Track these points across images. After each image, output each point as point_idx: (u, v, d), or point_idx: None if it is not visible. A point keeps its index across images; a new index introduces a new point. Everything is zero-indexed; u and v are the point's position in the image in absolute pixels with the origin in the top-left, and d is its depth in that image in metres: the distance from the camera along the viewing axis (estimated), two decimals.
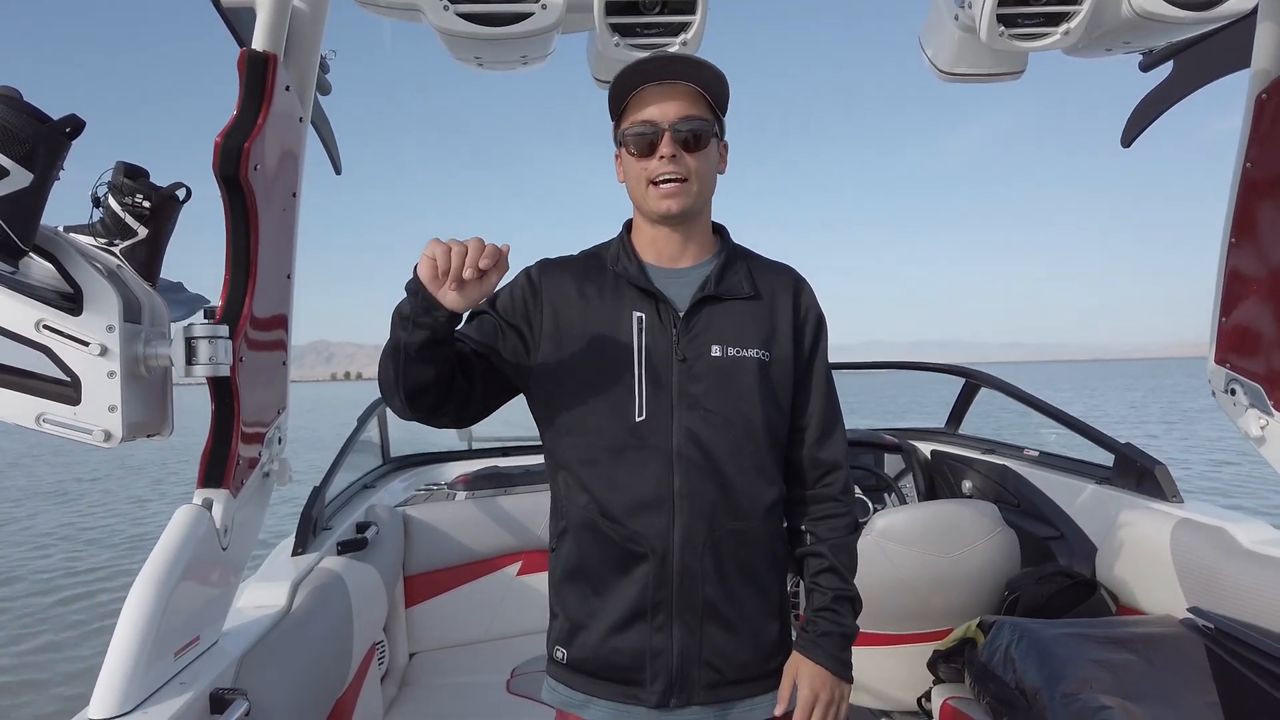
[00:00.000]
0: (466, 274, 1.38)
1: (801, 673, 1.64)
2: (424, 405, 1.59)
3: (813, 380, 1.73)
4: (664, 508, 1.58)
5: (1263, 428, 2.47)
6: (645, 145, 1.59)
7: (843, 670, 1.65)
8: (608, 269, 1.69)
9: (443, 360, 1.52)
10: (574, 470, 1.65)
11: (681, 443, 1.59)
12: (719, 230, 1.77)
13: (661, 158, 1.58)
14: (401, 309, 1.47)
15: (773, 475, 1.67)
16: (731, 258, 1.72)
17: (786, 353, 1.68)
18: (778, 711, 1.64)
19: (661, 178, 1.59)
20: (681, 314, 1.63)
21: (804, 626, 1.69)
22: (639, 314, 1.63)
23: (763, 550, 1.66)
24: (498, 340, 1.66)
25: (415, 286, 1.43)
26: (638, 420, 1.60)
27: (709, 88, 1.61)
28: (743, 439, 1.62)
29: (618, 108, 1.66)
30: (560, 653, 1.69)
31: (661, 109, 1.58)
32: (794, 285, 1.74)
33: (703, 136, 1.60)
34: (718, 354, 1.62)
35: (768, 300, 1.69)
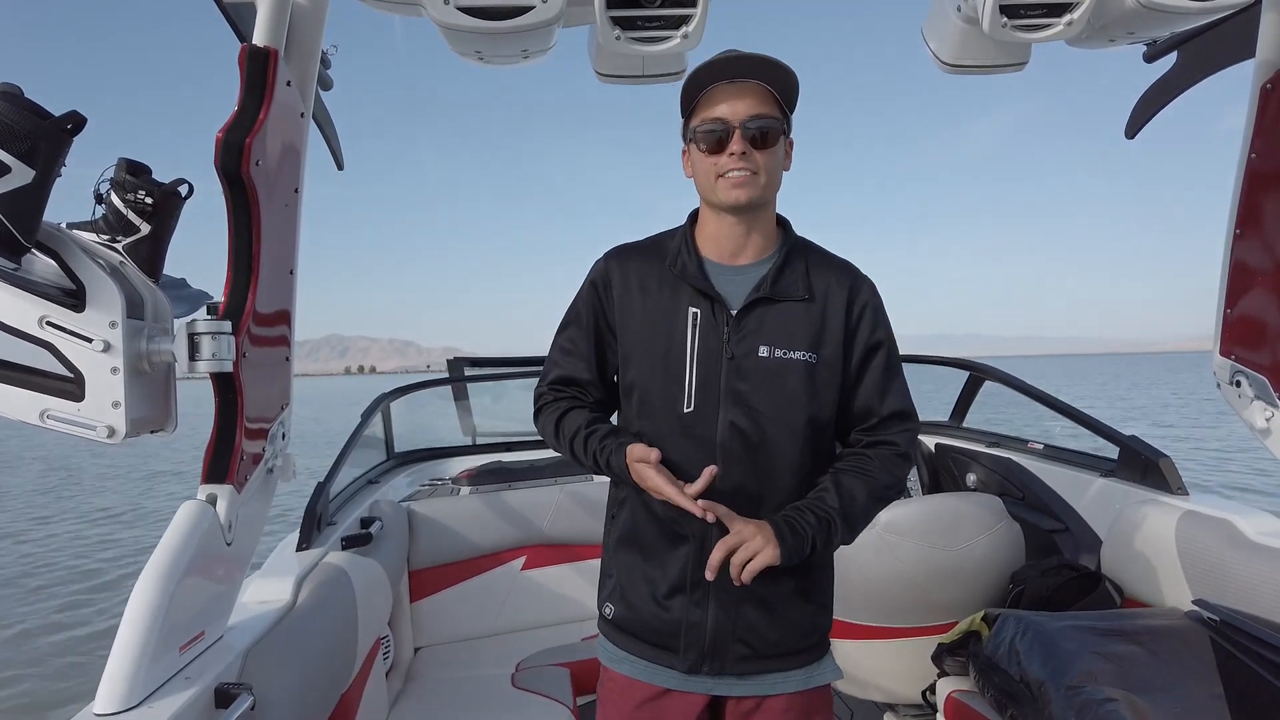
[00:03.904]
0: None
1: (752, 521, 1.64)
2: None
3: (868, 369, 1.76)
4: (706, 495, 1.63)
5: (1268, 419, 2.46)
6: (715, 142, 1.65)
7: (785, 540, 1.59)
8: (668, 264, 1.76)
9: None
10: None
11: (725, 436, 1.67)
12: (782, 223, 1.82)
13: (731, 154, 1.64)
14: (601, 461, 1.71)
15: (813, 470, 1.72)
16: (792, 255, 1.76)
17: (835, 354, 1.72)
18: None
19: (730, 172, 1.64)
20: (734, 313, 1.69)
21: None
22: (694, 310, 1.70)
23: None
24: (604, 352, 1.81)
25: (624, 473, 1.67)
26: (686, 411, 1.68)
27: (778, 86, 1.66)
28: (785, 436, 1.68)
29: (689, 105, 1.71)
30: (609, 609, 1.82)
31: (732, 107, 1.64)
32: (850, 285, 1.77)
33: (771, 134, 1.65)
34: (765, 354, 1.68)
35: (820, 302, 1.73)
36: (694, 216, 1.81)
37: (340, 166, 2.94)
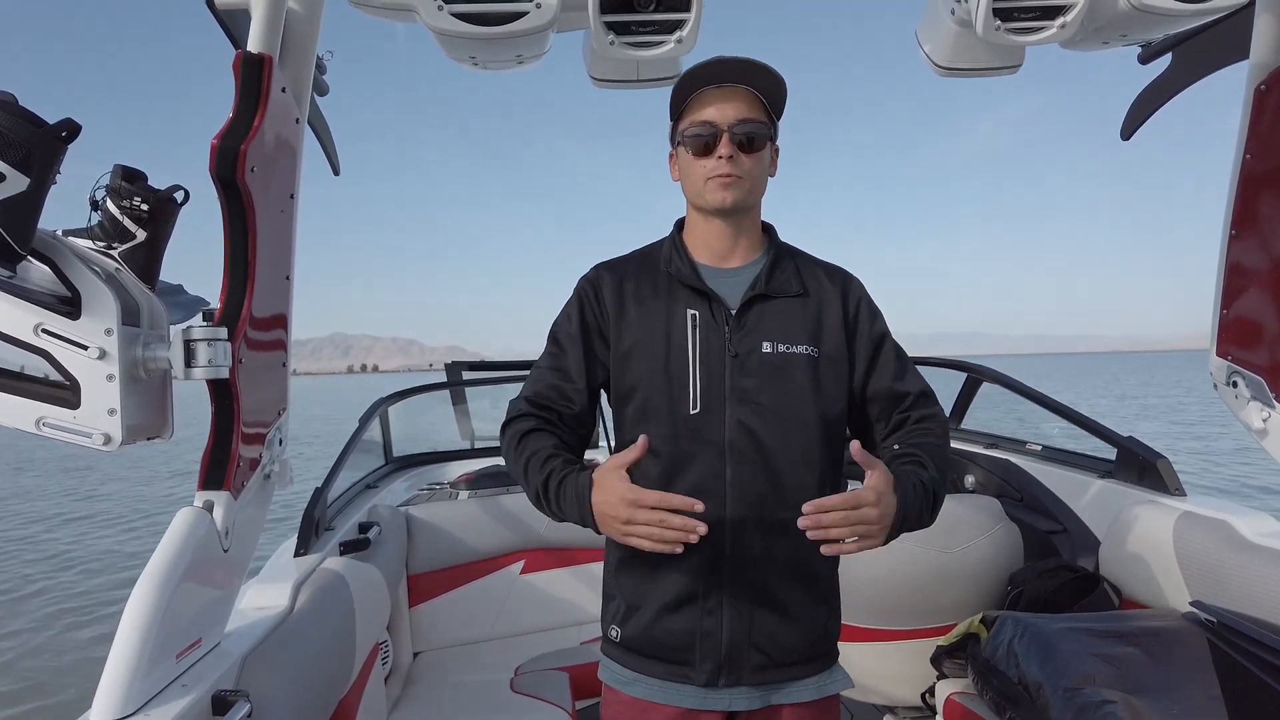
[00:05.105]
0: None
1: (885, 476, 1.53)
2: None
3: (880, 358, 1.77)
4: (716, 497, 1.63)
5: (1264, 420, 2.46)
6: (703, 145, 1.66)
7: (904, 508, 1.54)
8: (661, 269, 1.76)
9: None
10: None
11: (733, 435, 1.65)
12: (767, 229, 1.83)
13: (719, 158, 1.65)
14: (554, 486, 1.61)
15: (823, 467, 1.70)
16: (780, 256, 1.78)
17: (836, 349, 1.73)
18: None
19: (718, 176, 1.66)
20: (733, 312, 1.70)
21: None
22: (693, 312, 1.70)
23: (811, 539, 1.68)
24: (593, 362, 1.77)
25: (586, 518, 1.57)
26: (692, 413, 1.66)
27: (766, 92, 1.67)
28: (793, 432, 1.67)
29: (677, 108, 1.72)
30: (615, 631, 1.77)
31: (720, 111, 1.65)
32: (843, 282, 1.79)
33: (758, 139, 1.66)
34: (768, 350, 1.68)
35: (815, 298, 1.75)
36: (680, 225, 1.83)
37: (336, 172, 2.94)
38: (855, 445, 1.51)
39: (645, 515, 1.44)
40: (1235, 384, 2.54)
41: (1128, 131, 2.98)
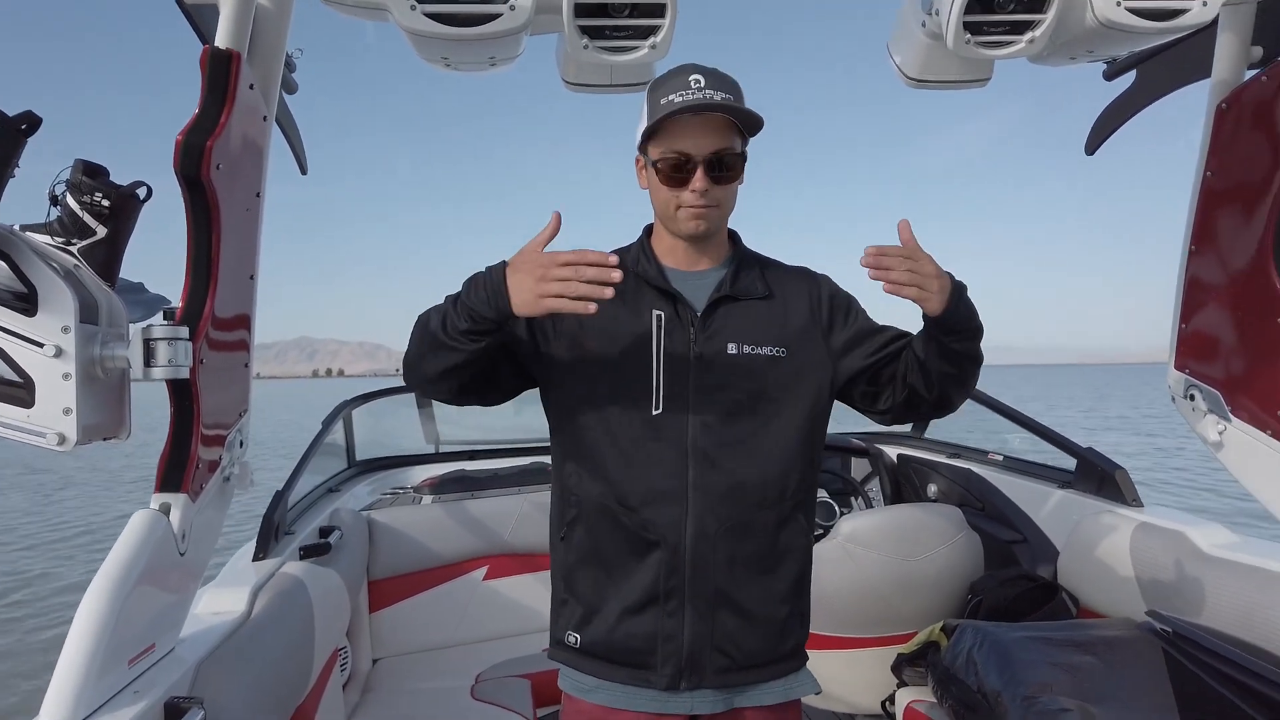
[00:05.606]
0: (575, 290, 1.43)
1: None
2: (447, 388, 1.64)
3: (876, 336, 1.76)
4: (678, 498, 1.64)
5: (1220, 433, 2.50)
6: (677, 174, 1.64)
7: (955, 285, 1.57)
8: (628, 270, 1.72)
9: (475, 356, 1.55)
10: (589, 460, 1.69)
11: (696, 436, 1.65)
12: (732, 236, 1.83)
13: (694, 190, 1.63)
14: (467, 296, 1.51)
15: (787, 468, 1.70)
16: (746, 261, 1.79)
17: (805, 349, 1.73)
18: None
19: (691, 207, 1.65)
20: (699, 313, 1.69)
21: None
22: (658, 312, 1.69)
23: (775, 541, 1.70)
24: (516, 327, 1.68)
25: (500, 293, 1.47)
26: (655, 413, 1.65)
27: (743, 121, 1.65)
28: (758, 434, 1.67)
29: (652, 126, 1.65)
30: (573, 638, 1.74)
31: (698, 143, 1.62)
32: (809, 282, 1.80)
33: (734, 170, 1.66)
34: (734, 351, 1.68)
35: (781, 300, 1.76)
36: (649, 230, 1.83)
37: (304, 171, 2.90)
38: (903, 223, 1.53)
39: (559, 272, 1.43)
40: (1193, 397, 2.58)
41: (1092, 147, 3.02)
